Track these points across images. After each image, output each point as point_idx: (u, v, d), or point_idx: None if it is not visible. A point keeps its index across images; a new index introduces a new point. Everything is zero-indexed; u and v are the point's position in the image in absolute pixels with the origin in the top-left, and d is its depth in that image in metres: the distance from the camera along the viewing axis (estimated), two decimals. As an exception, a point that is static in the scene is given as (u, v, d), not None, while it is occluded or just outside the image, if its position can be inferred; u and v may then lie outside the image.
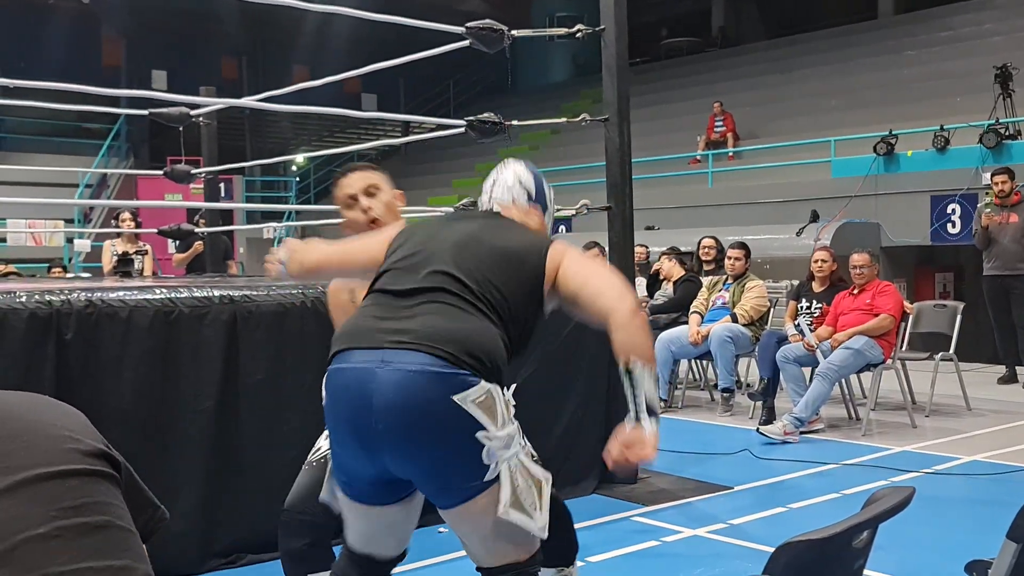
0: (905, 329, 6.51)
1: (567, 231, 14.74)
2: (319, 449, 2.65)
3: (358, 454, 2.08)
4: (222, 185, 13.04)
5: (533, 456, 2.19)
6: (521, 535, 2.12)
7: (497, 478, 2.05)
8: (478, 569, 2.22)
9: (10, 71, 6.35)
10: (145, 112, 6.29)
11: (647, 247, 9.47)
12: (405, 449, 2.02)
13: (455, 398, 1.98)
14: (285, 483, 2.71)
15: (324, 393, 2.14)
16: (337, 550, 2.41)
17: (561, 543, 2.57)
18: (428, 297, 2.11)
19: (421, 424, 1.99)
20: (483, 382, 2.01)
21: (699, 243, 8.21)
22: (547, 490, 2.16)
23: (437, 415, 1.98)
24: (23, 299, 3.26)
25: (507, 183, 2.48)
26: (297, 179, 21.61)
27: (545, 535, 2.14)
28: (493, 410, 2.03)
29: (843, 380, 6.43)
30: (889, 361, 6.23)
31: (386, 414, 1.99)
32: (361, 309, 2.20)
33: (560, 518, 2.50)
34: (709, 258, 7.99)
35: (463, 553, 3.63)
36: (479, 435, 2.00)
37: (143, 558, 0.74)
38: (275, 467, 3.45)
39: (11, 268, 9.71)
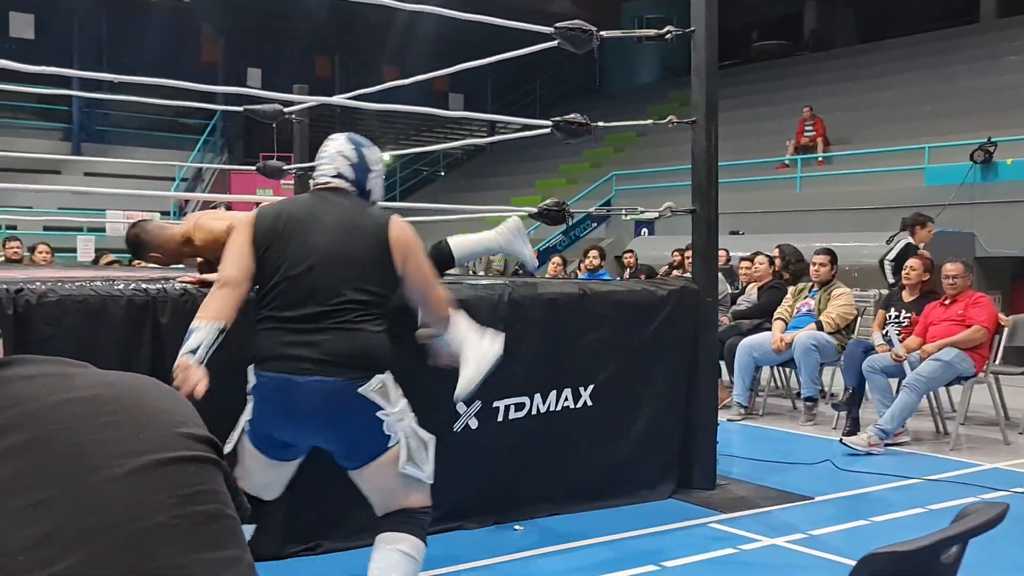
0: (1000, 342, 6.29)
1: (650, 233, 14.65)
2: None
3: (288, 433, 2.83)
4: (311, 181, 13.29)
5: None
6: (417, 486, 2.78)
7: (396, 443, 2.74)
8: (381, 517, 2.79)
9: (115, 67, 6.57)
10: (240, 109, 6.46)
11: (728, 251, 9.34)
12: (328, 431, 2.77)
13: (359, 390, 2.69)
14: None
15: (255, 393, 2.82)
16: None
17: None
18: (324, 323, 2.72)
19: (340, 414, 2.72)
20: (376, 375, 2.72)
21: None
22: (432, 448, 2.82)
23: (350, 406, 2.71)
24: (120, 287, 3.38)
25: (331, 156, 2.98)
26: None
27: (431, 480, 2.80)
28: (387, 393, 2.74)
29: (931, 393, 6.26)
30: (981, 375, 6.04)
31: (313, 413, 2.71)
32: (270, 333, 2.78)
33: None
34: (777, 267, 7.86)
35: (539, 550, 3.65)
36: (379, 414, 2.71)
37: (246, 547, 0.75)
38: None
39: (111, 258, 10.06)
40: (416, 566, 2.72)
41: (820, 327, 6.81)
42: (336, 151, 2.98)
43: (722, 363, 6.97)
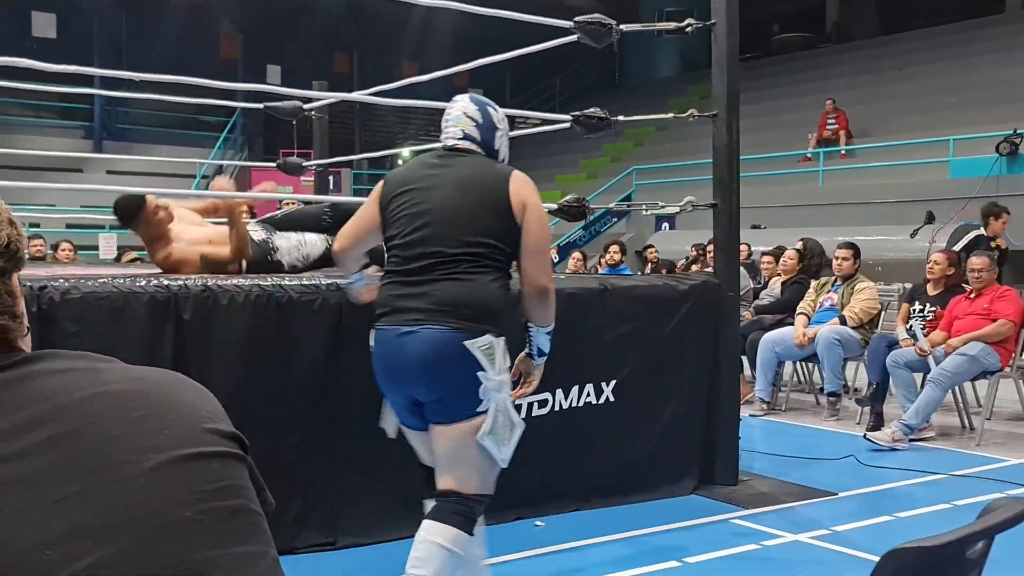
0: (1026, 337, 6.23)
1: (671, 228, 14.59)
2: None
3: (392, 389, 2.78)
4: (331, 178, 13.33)
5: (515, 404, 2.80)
6: (486, 468, 2.70)
7: (485, 412, 2.66)
8: (436, 494, 2.72)
9: (135, 65, 6.59)
10: (260, 106, 6.48)
11: (749, 245, 9.31)
12: (428, 381, 2.66)
13: (465, 343, 2.63)
14: (385, 467, 2.76)
15: (374, 353, 2.77)
16: None
17: None
18: (437, 274, 2.70)
19: (442, 364, 2.64)
20: (488, 335, 2.66)
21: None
22: (518, 434, 2.75)
23: (453, 358, 2.63)
24: (143, 284, 3.40)
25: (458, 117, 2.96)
26: (403, 173, 21.93)
27: (506, 465, 2.73)
28: (493, 357, 2.67)
29: (956, 387, 6.20)
30: (1007, 369, 5.97)
31: (415, 363, 2.65)
32: (388, 287, 2.79)
33: None
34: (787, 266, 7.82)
35: (560, 546, 3.64)
36: (479, 374, 2.64)
37: (271, 542, 0.75)
38: (376, 451, 3.50)
39: (133, 255, 10.13)
40: (456, 559, 2.68)
41: (843, 322, 6.76)
42: (461, 112, 2.96)
43: (744, 358, 6.94)
